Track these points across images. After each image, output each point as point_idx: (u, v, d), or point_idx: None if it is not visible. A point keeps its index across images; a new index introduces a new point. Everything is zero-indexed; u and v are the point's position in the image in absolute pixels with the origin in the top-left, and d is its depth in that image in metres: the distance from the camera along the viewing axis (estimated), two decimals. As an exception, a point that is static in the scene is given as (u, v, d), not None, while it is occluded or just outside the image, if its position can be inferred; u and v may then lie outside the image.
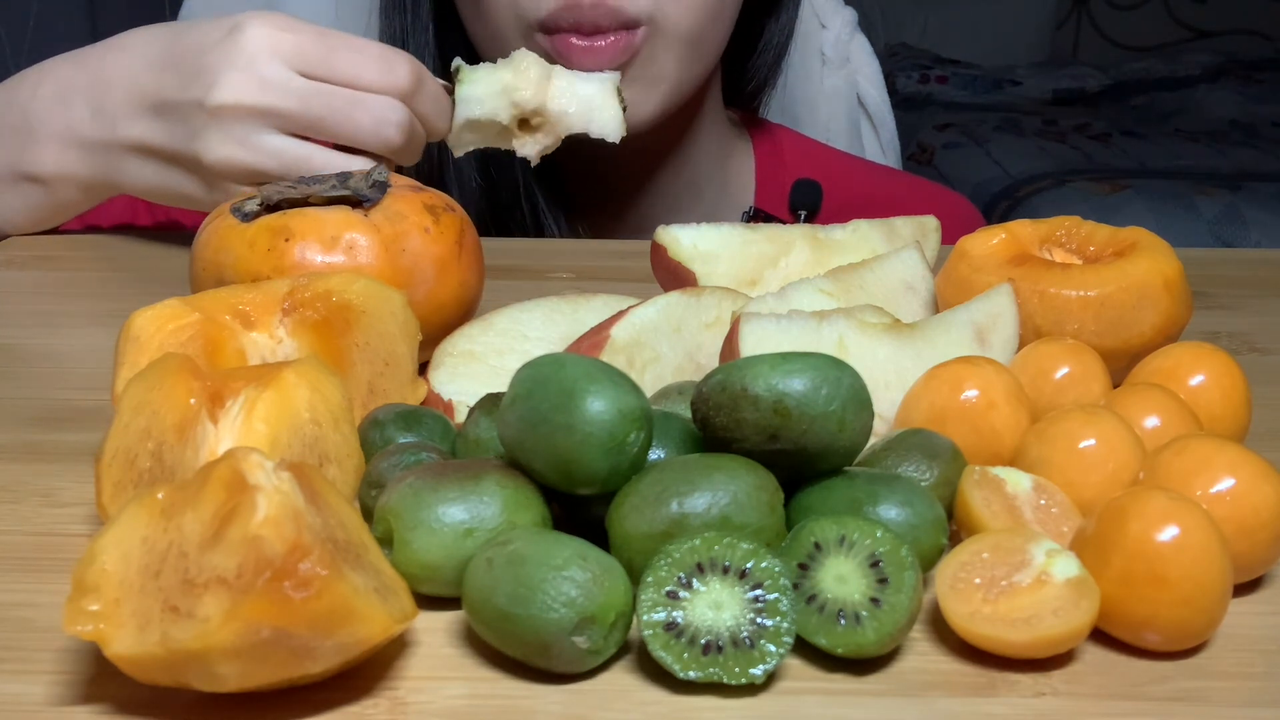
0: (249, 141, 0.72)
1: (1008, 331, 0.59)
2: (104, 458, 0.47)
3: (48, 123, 0.79)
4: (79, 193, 0.81)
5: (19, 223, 0.85)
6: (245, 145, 0.72)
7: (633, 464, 0.45)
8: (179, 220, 0.95)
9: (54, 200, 0.82)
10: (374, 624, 0.40)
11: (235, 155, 0.72)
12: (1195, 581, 0.43)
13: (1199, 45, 3.80)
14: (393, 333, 0.57)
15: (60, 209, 0.83)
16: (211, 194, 0.75)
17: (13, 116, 0.81)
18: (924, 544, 0.46)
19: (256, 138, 0.72)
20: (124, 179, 0.79)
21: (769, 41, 1.02)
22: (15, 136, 0.80)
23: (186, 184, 0.76)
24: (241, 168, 0.72)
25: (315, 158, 0.72)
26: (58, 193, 0.81)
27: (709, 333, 0.59)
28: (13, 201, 0.83)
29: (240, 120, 0.72)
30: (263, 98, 0.71)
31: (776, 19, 1.02)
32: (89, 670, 0.43)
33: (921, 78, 3.50)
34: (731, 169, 1.04)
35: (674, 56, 0.88)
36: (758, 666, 0.41)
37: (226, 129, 0.72)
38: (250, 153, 0.72)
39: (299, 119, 0.72)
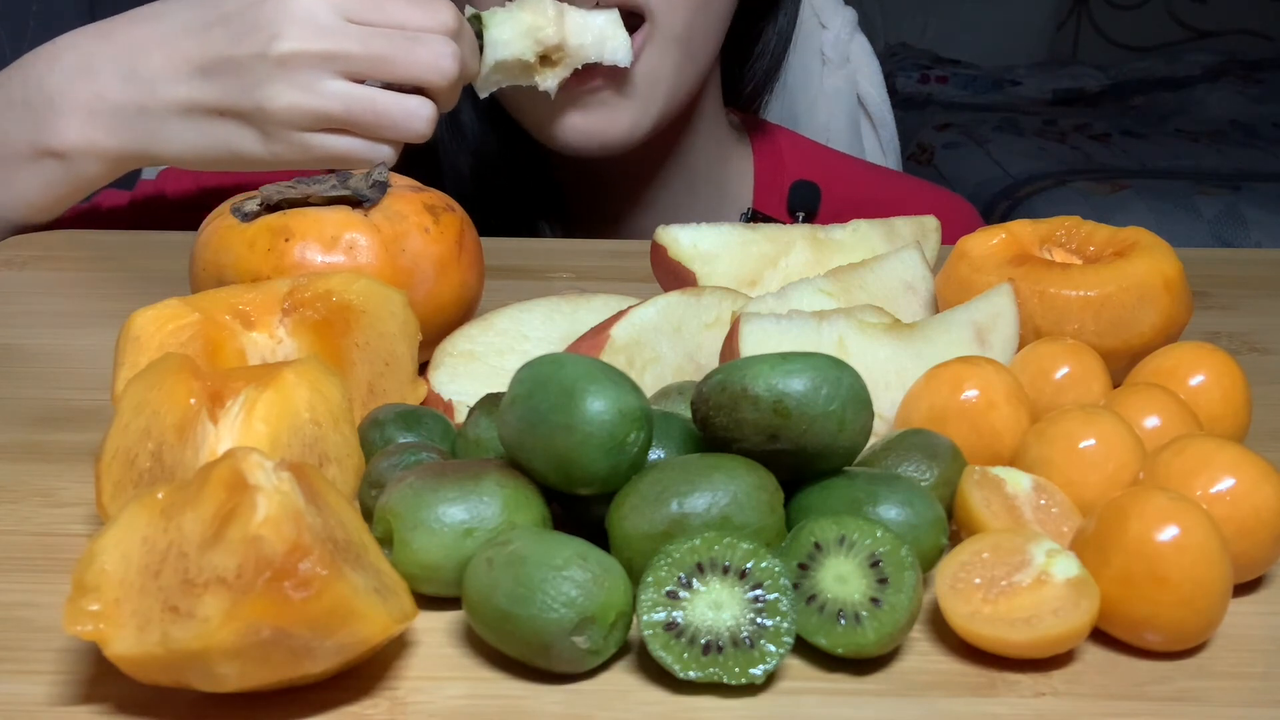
0: (314, 87, 0.73)
1: (1008, 331, 0.59)
2: (104, 458, 0.47)
3: (70, 94, 0.78)
4: (101, 166, 0.80)
5: (35, 202, 0.83)
6: (310, 91, 0.73)
7: (633, 464, 0.45)
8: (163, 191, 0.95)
9: (73, 175, 0.81)
10: (374, 624, 0.40)
11: (301, 101, 0.73)
12: (1195, 581, 0.43)
13: (1199, 45, 3.79)
14: (393, 333, 0.57)
15: (79, 185, 0.82)
16: (270, 146, 0.75)
17: (29, 91, 0.80)
18: (924, 544, 0.46)
19: (320, 83, 0.73)
20: (161, 145, 0.78)
21: (766, 45, 1.02)
22: (33, 111, 0.79)
23: (242, 139, 0.76)
24: (308, 113, 0.74)
25: (379, 98, 0.74)
26: (78, 167, 0.80)
27: (709, 333, 0.59)
28: (30, 180, 0.81)
29: (304, 67, 0.73)
30: (325, 43, 0.73)
31: (774, 22, 1.01)
32: (89, 670, 0.43)
33: (921, 78, 3.50)
34: (729, 171, 1.04)
35: (669, 62, 0.88)
36: (758, 666, 0.41)
37: (290, 77, 0.73)
38: (316, 97, 0.73)
39: (361, 59, 0.74)
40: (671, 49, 0.88)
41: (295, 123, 0.74)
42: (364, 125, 0.74)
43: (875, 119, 1.23)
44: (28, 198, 0.83)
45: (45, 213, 0.85)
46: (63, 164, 0.80)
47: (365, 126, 0.74)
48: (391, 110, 0.74)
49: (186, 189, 0.96)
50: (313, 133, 0.74)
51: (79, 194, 0.84)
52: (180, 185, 0.96)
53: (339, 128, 0.75)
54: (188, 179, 0.96)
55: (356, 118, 0.74)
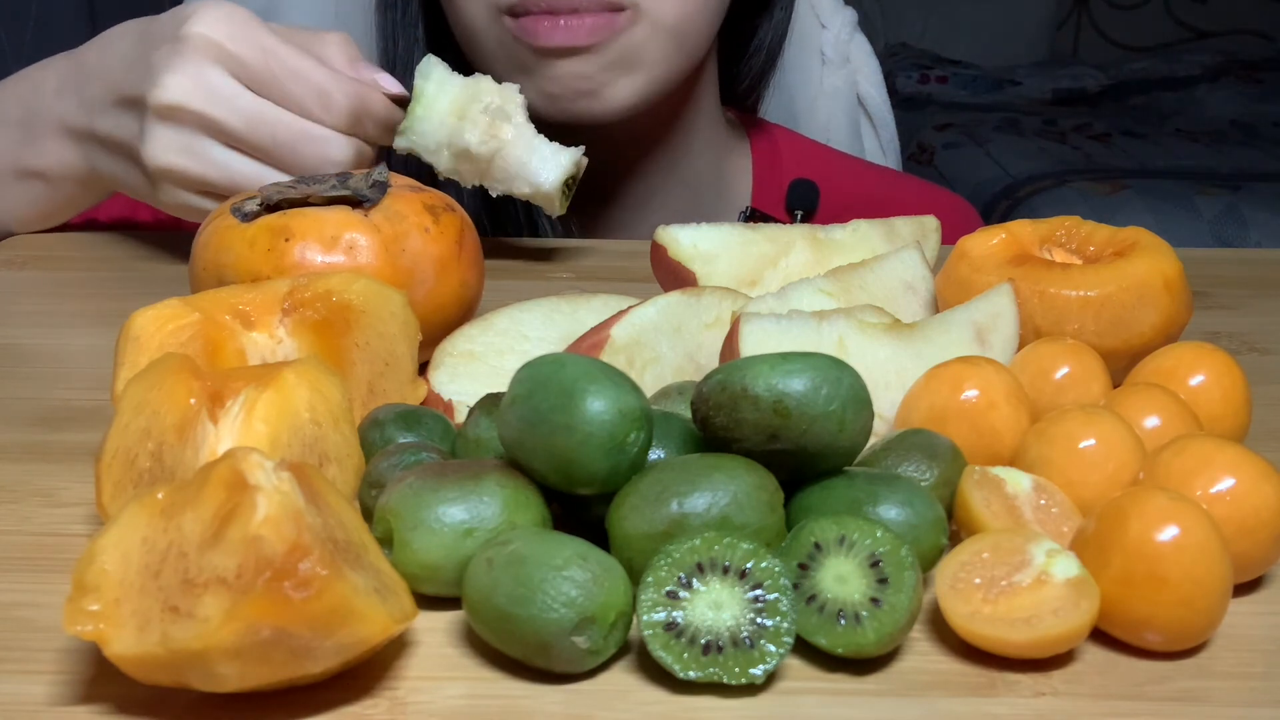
0: (194, 150, 0.71)
1: (1008, 331, 0.59)
2: (104, 458, 0.47)
3: (46, 117, 0.79)
4: (78, 188, 0.81)
5: (25, 218, 0.84)
6: (191, 154, 0.71)
7: (633, 464, 0.45)
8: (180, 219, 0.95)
9: (56, 195, 0.82)
10: (374, 624, 0.40)
11: (180, 163, 0.71)
12: (1195, 581, 0.43)
13: (1199, 45, 3.79)
14: (393, 333, 0.57)
15: (63, 204, 0.83)
16: (161, 198, 0.74)
17: (17, 111, 0.81)
18: (924, 544, 0.46)
19: (202, 147, 0.71)
20: (101, 172, 0.78)
21: (762, 41, 1.02)
22: (19, 131, 0.80)
23: (138, 184, 0.75)
24: (186, 176, 0.72)
25: (266, 177, 0.71)
26: (59, 188, 0.81)
27: (709, 333, 0.59)
28: (18, 198, 0.83)
29: (185, 126, 0.71)
30: (208, 108, 0.70)
31: (769, 18, 1.01)
32: (89, 670, 0.43)
33: (921, 78, 3.50)
34: (728, 169, 1.04)
35: (657, 45, 0.86)
36: (758, 666, 0.41)
37: (171, 133, 0.71)
38: (196, 162, 0.71)
39: (244, 140, 0.71)
40: (660, 35, 0.86)
41: (176, 181, 0.72)
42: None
43: (875, 119, 1.23)
44: (17, 213, 0.84)
45: (38, 225, 0.86)
46: (45, 184, 0.81)
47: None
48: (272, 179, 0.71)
49: None
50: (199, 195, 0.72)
51: (65, 212, 0.85)
52: None
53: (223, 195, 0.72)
54: None
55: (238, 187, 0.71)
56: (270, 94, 0.71)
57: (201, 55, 0.70)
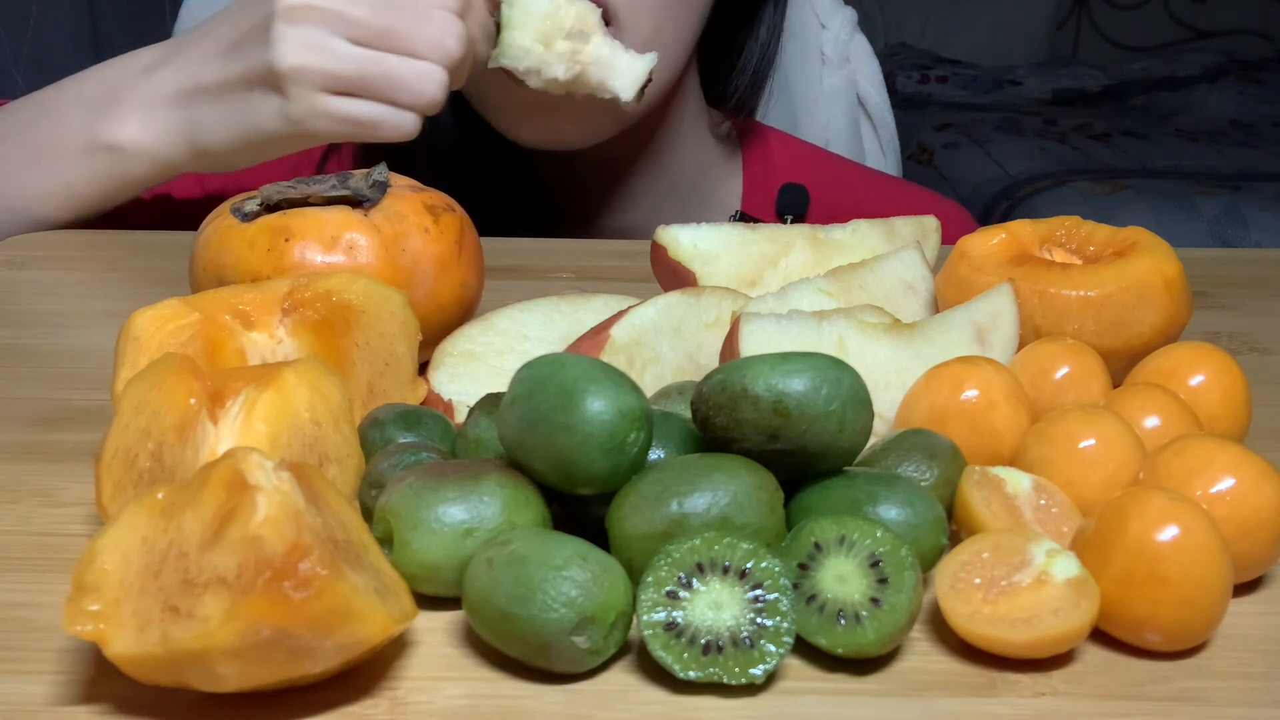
0: (323, 45, 0.73)
1: (1008, 331, 0.59)
2: (104, 458, 0.47)
3: (133, 90, 0.81)
4: (149, 165, 0.82)
5: (80, 194, 0.84)
6: (318, 50, 0.73)
7: (633, 464, 0.45)
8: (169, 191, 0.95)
9: (122, 171, 0.82)
10: (374, 624, 0.40)
11: (309, 60, 0.73)
12: (1195, 581, 0.43)
13: (1199, 45, 3.79)
14: (393, 333, 0.57)
15: (125, 183, 0.83)
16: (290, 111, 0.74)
17: (100, 89, 0.82)
18: (924, 544, 0.46)
19: (330, 41, 0.73)
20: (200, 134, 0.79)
21: (748, 58, 1.02)
22: (99, 105, 0.81)
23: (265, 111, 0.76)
24: (317, 71, 0.73)
25: (390, 60, 0.73)
26: (128, 164, 0.82)
27: (709, 333, 0.59)
28: (79, 172, 0.83)
29: (311, 23, 0.73)
30: (331, 2, 0.73)
31: (754, 36, 1.01)
32: (89, 670, 0.43)
33: (921, 78, 3.50)
34: (715, 175, 1.04)
35: None
36: (758, 666, 0.41)
37: (298, 33, 0.73)
38: (325, 57, 0.73)
39: (367, 27, 0.73)
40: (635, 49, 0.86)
41: (308, 81, 0.73)
42: (376, 88, 0.74)
43: (875, 119, 1.23)
44: (73, 189, 0.84)
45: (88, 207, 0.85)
46: (115, 158, 0.82)
47: (377, 89, 0.74)
48: (404, 73, 0.73)
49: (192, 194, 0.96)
50: (329, 95, 0.74)
51: (123, 193, 0.85)
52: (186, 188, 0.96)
53: (354, 91, 0.74)
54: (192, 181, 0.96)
55: (367, 79, 0.73)
56: None
57: None
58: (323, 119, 0.74)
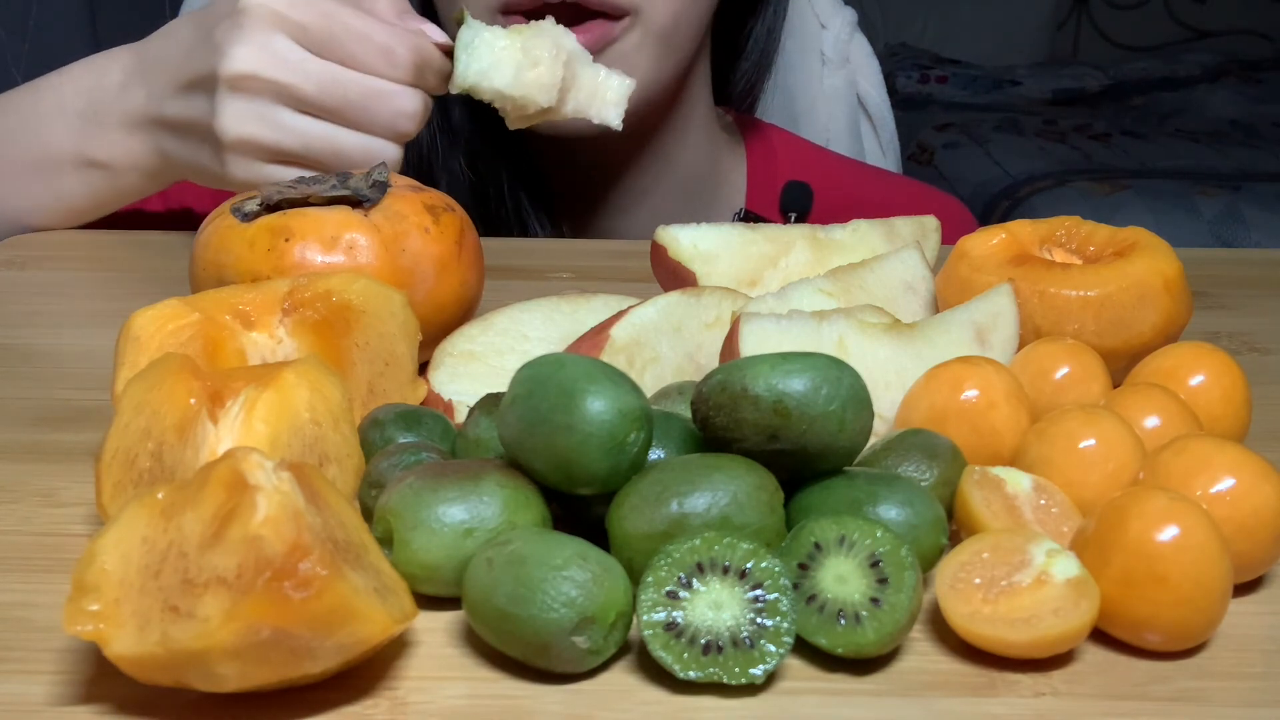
0: (268, 118, 0.71)
1: (1008, 331, 0.59)
2: (104, 458, 0.47)
3: (112, 109, 0.80)
4: (141, 178, 0.82)
5: (77, 207, 0.84)
6: (264, 122, 0.71)
7: (633, 464, 0.45)
8: (189, 206, 0.95)
9: (116, 185, 0.82)
10: (374, 624, 0.40)
11: (254, 132, 0.71)
12: (1195, 581, 0.43)
13: (1199, 45, 3.79)
14: (393, 333, 0.57)
15: (121, 194, 0.84)
16: (232, 172, 0.73)
17: (80, 102, 0.81)
18: (924, 544, 0.46)
19: (276, 115, 0.71)
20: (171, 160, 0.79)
21: (755, 43, 1.02)
22: (81, 122, 0.81)
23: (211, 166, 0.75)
24: (263, 146, 0.72)
25: (340, 139, 0.72)
26: (120, 178, 0.82)
27: (709, 333, 0.59)
28: (74, 187, 0.83)
29: (257, 94, 0.71)
30: (278, 74, 0.71)
31: (761, 20, 1.01)
32: (89, 670, 0.43)
33: (921, 78, 3.50)
34: (721, 170, 1.04)
35: (646, 52, 0.87)
36: (758, 666, 0.41)
37: (244, 103, 0.71)
38: (271, 130, 0.71)
39: (317, 103, 0.71)
40: (649, 41, 0.87)
41: (250, 153, 0.72)
42: (324, 164, 0.72)
43: (875, 119, 1.23)
44: (69, 202, 0.84)
45: (84, 216, 0.86)
46: (106, 174, 0.82)
47: (325, 165, 0.72)
48: (352, 152, 0.72)
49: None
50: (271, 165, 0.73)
51: (121, 201, 0.85)
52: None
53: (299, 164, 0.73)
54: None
55: (314, 154, 0.72)
56: (335, 55, 0.72)
57: (264, 24, 0.71)
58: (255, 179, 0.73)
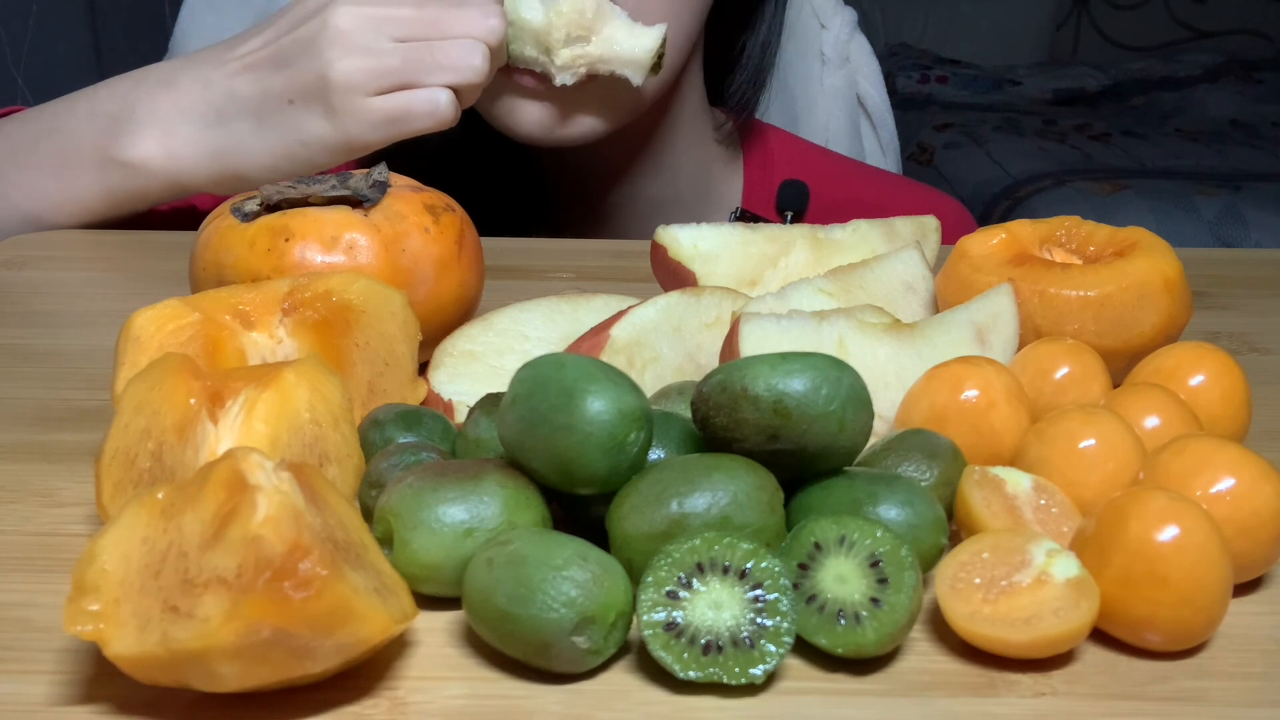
0: (371, 47, 0.76)
1: (1008, 331, 0.59)
2: (104, 458, 0.47)
3: (151, 106, 0.81)
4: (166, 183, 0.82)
5: (92, 207, 0.85)
6: (369, 51, 0.76)
7: (633, 464, 0.45)
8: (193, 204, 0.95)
9: (135, 187, 0.83)
10: (374, 624, 0.40)
11: (361, 62, 0.75)
12: (1195, 581, 0.43)
13: (1199, 45, 3.80)
14: (393, 333, 0.57)
15: (136, 198, 0.84)
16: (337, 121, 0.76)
17: (112, 104, 0.82)
18: (924, 544, 0.46)
19: (377, 42, 0.76)
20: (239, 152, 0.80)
21: (749, 56, 1.03)
22: (111, 121, 0.82)
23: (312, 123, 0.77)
24: (369, 70, 0.75)
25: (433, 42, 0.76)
26: (144, 180, 0.82)
27: (709, 333, 0.59)
28: (91, 185, 0.83)
29: (359, 31, 0.76)
30: (378, 9, 0.76)
31: (755, 34, 1.02)
32: (89, 670, 0.43)
33: (921, 78, 3.50)
34: (716, 172, 1.04)
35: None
36: (758, 666, 0.41)
37: (348, 41, 0.76)
38: (374, 56, 0.76)
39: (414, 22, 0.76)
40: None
41: (357, 85, 0.76)
42: (420, 72, 0.76)
43: (875, 119, 1.23)
44: (85, 202, 0.84)
45: (97, 218, 0.86)
46: (128, 174, 0.82)
47: (424, 70, 0.76)
48: (448, 51, 0.76)
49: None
50: (373, 97, 0.76)
51: (135, 207, 0.85)
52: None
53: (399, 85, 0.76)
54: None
55: (415, 63, 0.76)
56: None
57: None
58: (367, 124, 0.76)
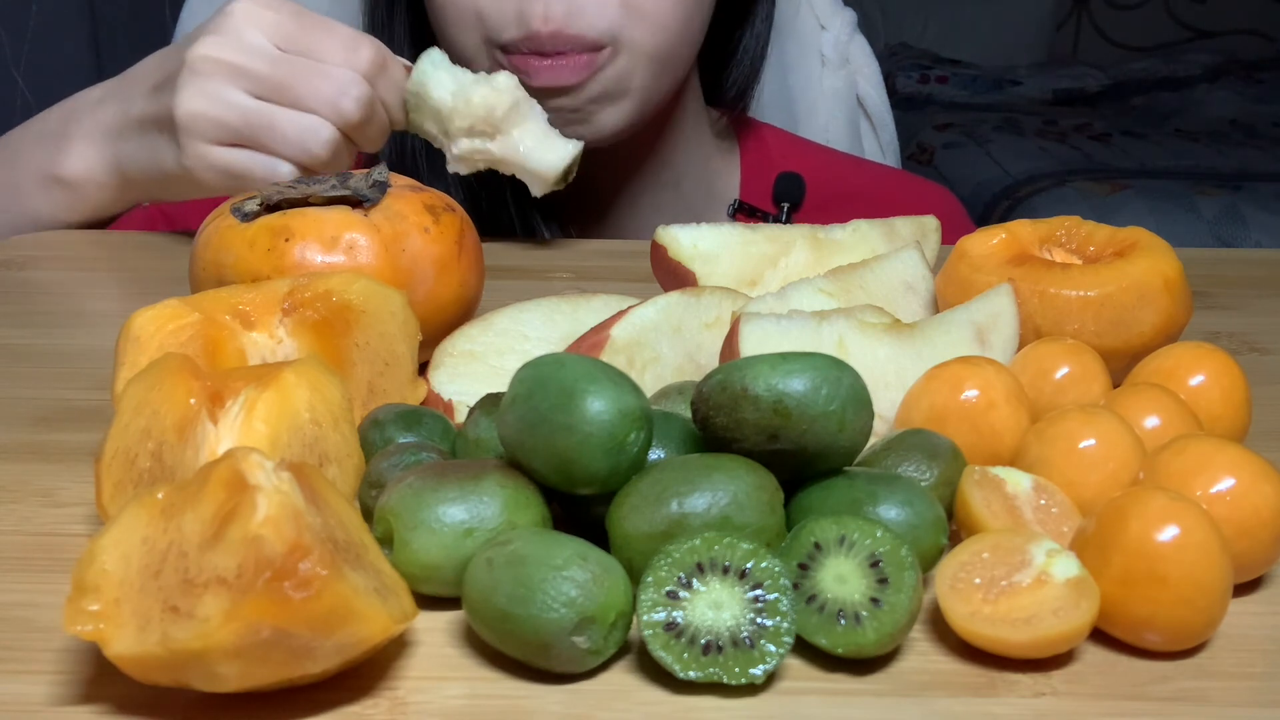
0: (219, 96, 0.76)
1: (1008, 331, 0.59)
2: (104, 458, 0.47)
3: (81, 124, 0.83)
4: (100, 193, 0.84)
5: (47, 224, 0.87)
6: (214, 99, 0.76)
7: (633, 464, 0.45)
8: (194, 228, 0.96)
9: (79, 201, 0.85)
10: (374, 624, 0.40)
11: (203, 108, 0.76)
12: (1195, 581, 0.43)
13: (1199, 45, 3.79)
14: (393, 333, 0.57)
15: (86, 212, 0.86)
16: (181, 157, 0.77)
17: (58, 124, 0.85)
18: (924, 544, 0.46)
19: (226, 93, 0.76)
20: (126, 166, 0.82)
21: (745, 51, 1.04)
22: (53, 140, 0.84)
23: (165, 152, 0.79)
24: (209, 120, 0.76)
25: (277, 113, 0.76)
26: (83, 194, 0.84)
27: (709, 333, 0.59)
28: (41, 204, 0.85)
29: (212, 76, 0.76)
30: (237, 57, 0.76)
31: (751, 28, 1.03)
32: (89, 670, 0.43)
33: (921, 78, 3.50)
34: (714, 167, 1.06)
35: (641, 72, 0.90)
36: (758, 666, 0.41)
37: (200, 84, 0.76)
38: (217, 106, 0.76)
39: (265, 80, 0.76)
40: (643, 63, 0.89)
41: (198, 131, 0.76)
42: (260, 139, 0.76)
43: (875, 120, 1.23)
44: (39, 220, 0.87)
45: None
46: (68, 192, 0.84)
47: (261, 141, 0.76)
48: (286, 127, 0.76)
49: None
50: (215, 145, 0.77)
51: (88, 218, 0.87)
52: None
53: (241, 142, 0.76)
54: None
55: (253, 128, 0.76)
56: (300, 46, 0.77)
57: (239, 22, 0.76)
58: (208, 169, 0.77)
